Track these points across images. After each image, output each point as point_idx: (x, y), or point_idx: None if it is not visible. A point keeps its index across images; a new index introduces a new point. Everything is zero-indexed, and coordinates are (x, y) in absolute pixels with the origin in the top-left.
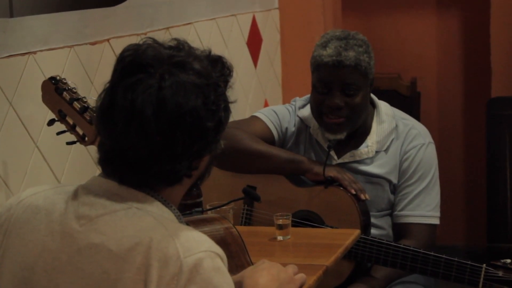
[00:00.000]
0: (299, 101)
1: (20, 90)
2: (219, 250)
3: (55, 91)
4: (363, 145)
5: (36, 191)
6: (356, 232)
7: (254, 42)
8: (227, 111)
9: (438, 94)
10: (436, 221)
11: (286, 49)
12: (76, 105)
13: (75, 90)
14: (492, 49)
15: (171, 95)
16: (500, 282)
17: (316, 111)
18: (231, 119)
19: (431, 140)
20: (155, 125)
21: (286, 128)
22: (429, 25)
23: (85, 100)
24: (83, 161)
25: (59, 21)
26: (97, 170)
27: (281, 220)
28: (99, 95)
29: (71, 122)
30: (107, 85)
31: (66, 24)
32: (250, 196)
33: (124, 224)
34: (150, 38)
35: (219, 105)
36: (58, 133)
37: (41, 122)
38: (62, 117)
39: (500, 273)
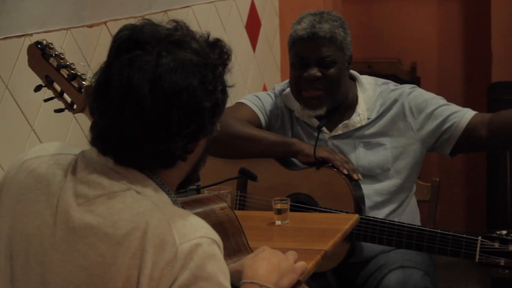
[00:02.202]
0: (278, 86)
1: (16, 73)
2: (215, 236)
3: (42, 56)
4: (354, 114)
5: (41, 153)
6: (355, 216)
7: (253, 26)
8: (224, 94)
9: (438, 79)
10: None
11: (285, 33)
12: (64, 71)
13: (62, 56)
14: (492, 34)
15: (168, 72)
16: (497, 253)
17: (295, 88)
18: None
19: (412, 86)
20: (151, 101)
21: (270, 111)
22: (429, 9)
23: (73, 67)
24: (80, 144)
25: (56, 3)
26: None
27: (279, 205)
28: (94, 74)
29: (58, 88)
30: (103, 64)
31: (63, 6)
32: (247, 175)
33: (121, 207)
34: (146, 19)
35: (217, 86)
36: (45, 100)
37: (38, 105)
38: (49, 83)
39: (496, 245)
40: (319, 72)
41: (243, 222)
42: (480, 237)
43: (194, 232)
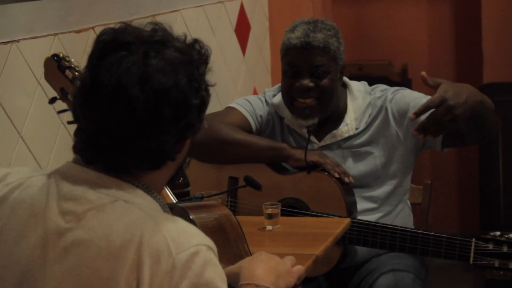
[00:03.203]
0: (269, 91)
1: (3, 79)
2: (209, 242)
3: (57, 68)
4: (342, 124)
5: (10, 179)
6: (346, 220)
7: (243, 29)
8: (208, 92)
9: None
10: None
11: (275, 36)
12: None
13: (78, 69)
14: (483, 35)
15: (157, 71)
16: (491, 255)
17: (287, 97)
18: (212, 111)
19: (396, 88)
20: (142, 101)
21: (261, 116)
22: (420, 11)
23: None
24: (68, 152)
25: (43, 8)
26: None
27: (270, 210)
28: (77, 79)
29: None
30: (86, 68)
31: (50, 12)
32: (251, 184)
33: (112, 219)
34: (125, 22)
35: (201, 83)
36: (58, 112)
37: (25, 112)
38: (64, 96)
39: (491, 246)
40: (311, 83)
41: None
42: (474, 239)
43: (189, 240)
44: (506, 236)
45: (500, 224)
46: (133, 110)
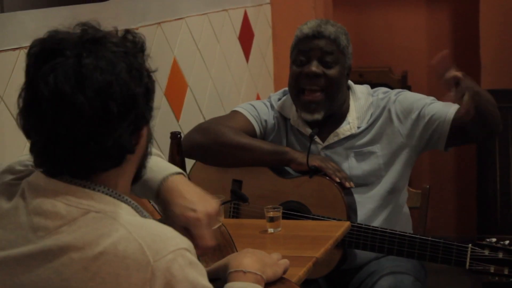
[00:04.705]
0: (274, 95)
1: (11, 85)
2: (186, 243)
3: None
4: (344, 122)
5: None
6: (346, 224)
7: (246, 37)
8: (151, 78)
9: (429, 87)
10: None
11: (278, 43)
12: None
13: None
14: (481, 42)
15: (93, 69)
16: (487, 261)
17: (295, 88)
18: (216, 115)
19: (399, 90)
20: (85, 103)
21: (266, 121)
22: (419, 19)
23: None
24: None
25: (49, 16)
26: None
27: (271, 213)
28: (19, 97)
29: None
30: (24, 84)
31: (57, 19)
32: (237, 197)
33: (84, 231)
34: (51, 30)
35: (142, 71)
36: None
37: None
38: None
39: (486, 252)
40: (319, 69)
41: (236, 230)
42: (470, 245)
43: (166, 246)
44: (501, 243)
45: (497, 228)
46: (79, 114)
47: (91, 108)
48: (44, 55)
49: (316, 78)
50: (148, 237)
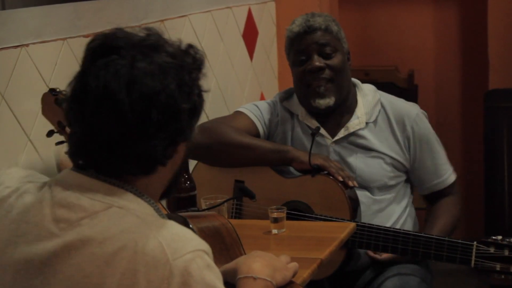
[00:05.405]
0: (280, 93)
1: (12, 83)
2: (205, 246)
3: (54, 102)
4: (353, 117)
5: (8, 183)
6: (351, 225)
7: (250, 34)
8: (201, 98)
9: (436, 86)
10: (455, 175)
11: (282, 42)
12: None
13: None
14: (489, 41)
15: (145, 74)
16: (492, 259)
17: (302, 85)
18: (219, 115)
19: (416, 107)
20: (128, 104)
21: (269, 120)
22: (427, 17)
23: None
24: None
25: (52, 13)
26: None
27: (275, 213)
28: (69, 84)
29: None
30: (77, 73)
31: (59, 17)
32: (245, 193)
33: (106, 226)
34: (118, 27)
35: (193, 89)
36: (57, 144)
37: (34, 115)
38: (61, 128)
39: (492, 250)
40: (321, 62)
41: (239, 231)
42: (475, 242)
43: (185, 246)
44: (507, 240)
45: (504, 229)
46: (120, 114)
47: (131, 110)
48: (101, 51)
49: (321, 71)
50: (168, 236)
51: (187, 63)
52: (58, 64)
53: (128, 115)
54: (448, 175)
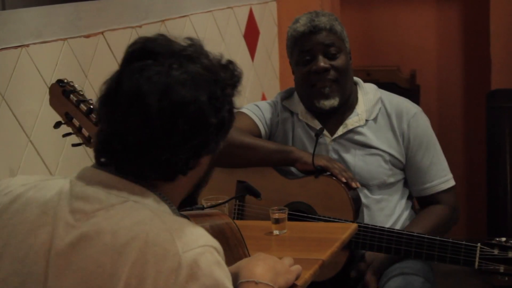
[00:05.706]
0: (281, 93)
1: (12, 84)
2: (216, 243)
3: (62, 93)
4: (353, 114)
5: (26, 181)
6: (353, 226)
7: (251, 34)
8: (231, 114)
9: (438, 86)
10: (453, 182)
11: (284, 42)
12: (83, 107)
13: (82, 93)
14: (491, 41)
15: (178, 83)
16: (496, 260)
17: (306, 86)
18: None
19: (418, 108)
20: (157, 110)
21: (271, 120)
22: (429, 17)
23: (91, 102)
24: (77, 156)
25: (52, 13)
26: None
27: (277, 214)
28: (105, 82)
29: (77, 124)
30: (114, 73)
31: (60, 17)
32: (250, 192)
33: (120, 217)
34: (162, 34)
35: (224, 104)
36: (64, 135)
37: (35, 115)
38: (68, 120)
39: (496, 251)
40: (326, 63)
41: (242, 232)
42: (479, 244)
43: (196, 240)
44: (511, 241)
45: (507, 230)
46: (147, 118)
47: (159, 117)
48: (140, 54)
49: (326, 72)
50: (180, 230)
51: (222, 78)
52: (58, 64)
53: (155, 121)
54: (442, 181)
